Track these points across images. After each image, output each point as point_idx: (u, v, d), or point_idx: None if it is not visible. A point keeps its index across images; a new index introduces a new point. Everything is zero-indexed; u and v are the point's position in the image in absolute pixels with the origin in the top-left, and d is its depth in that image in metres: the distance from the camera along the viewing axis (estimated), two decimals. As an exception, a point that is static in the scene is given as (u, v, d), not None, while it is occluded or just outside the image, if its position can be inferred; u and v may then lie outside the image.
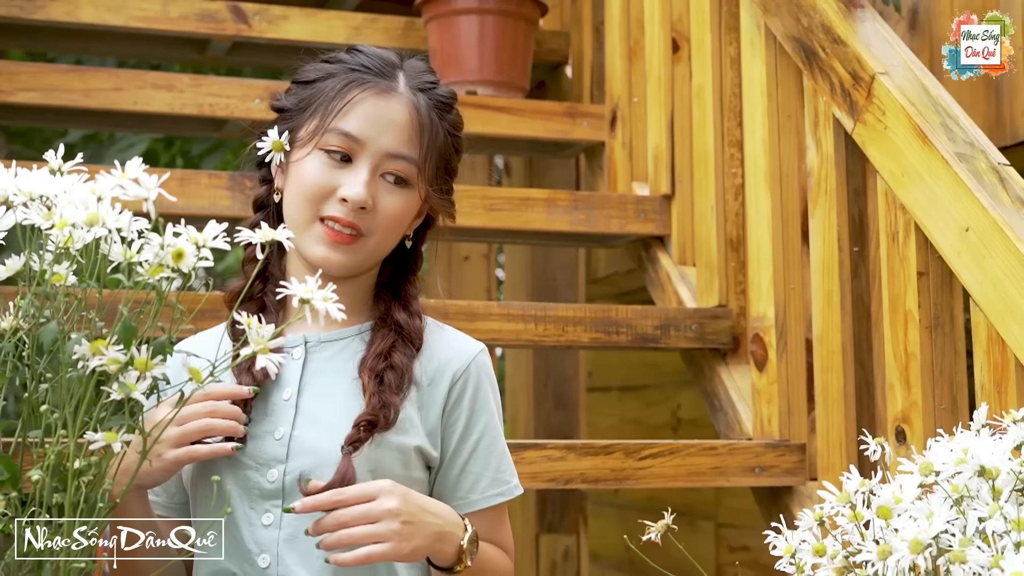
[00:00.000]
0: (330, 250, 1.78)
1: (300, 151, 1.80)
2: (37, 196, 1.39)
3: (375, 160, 1.80)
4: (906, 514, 1.45)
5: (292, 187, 1.81)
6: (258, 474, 1.75)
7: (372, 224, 1.80)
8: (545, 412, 4.12)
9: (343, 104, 1.80)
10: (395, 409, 1.75)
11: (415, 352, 1.83)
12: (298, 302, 1.36)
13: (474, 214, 3.02)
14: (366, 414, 1.73)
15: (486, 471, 1.84)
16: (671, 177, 3.14)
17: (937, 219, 2.17)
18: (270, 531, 1.74)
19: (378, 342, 1.81)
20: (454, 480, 1.83)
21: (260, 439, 1.76)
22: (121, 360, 1.32)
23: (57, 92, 3.07)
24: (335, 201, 1.78)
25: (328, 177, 1.78)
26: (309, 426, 1.76)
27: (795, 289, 2.65)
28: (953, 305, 2.24)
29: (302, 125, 1.82)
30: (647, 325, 2.83)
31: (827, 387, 2.49)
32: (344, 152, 1.79)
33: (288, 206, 1.81)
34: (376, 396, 1.75)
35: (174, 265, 1.32)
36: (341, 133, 1.78)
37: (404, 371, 1.79)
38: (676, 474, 2.51)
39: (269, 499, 1.74)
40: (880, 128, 2.32)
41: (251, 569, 1.74)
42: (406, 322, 1.84)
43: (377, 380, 1.77)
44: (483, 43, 3.52)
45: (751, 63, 2.76)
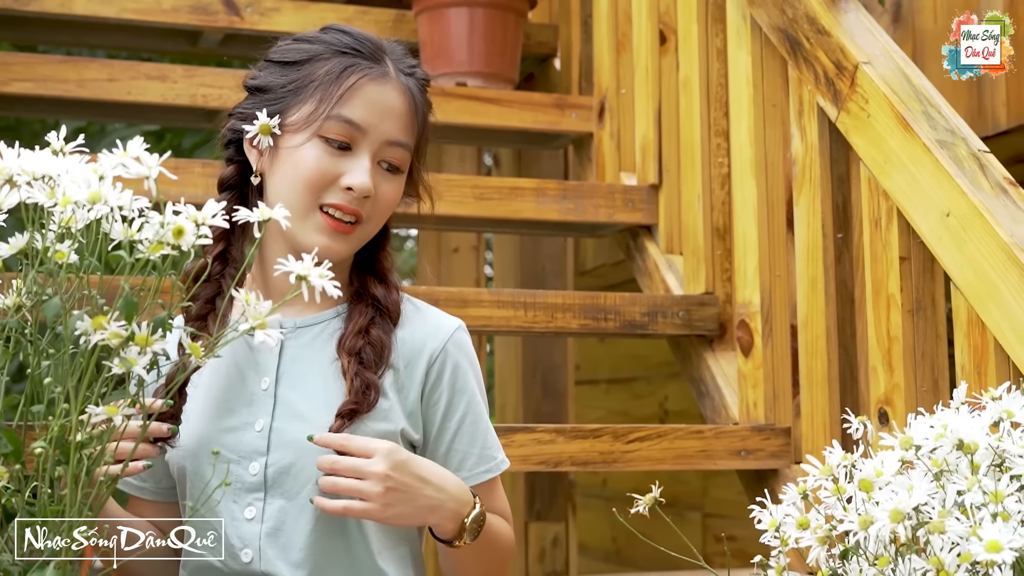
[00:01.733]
0: (331, 239, 1.77)
1: (295, 136, 1.77)
2: (40, 176, 1.42)
3: (375, 148, 1.79)
4: (887, 487, 1.48)
5: (286, 173, 1.78)
6: (240, 467, 1.74)
7: (371, 211, 1.80)
8: (534, 400, 4.16)
9: (342, 90, 1.77)
10: (376, 389, 1.74)
11: (393, 326, 1.82)
12: (294, 279, 1.39)
13: (464, 203, 3.06)
14: (348, 402, 1.72)
15: (472, 448, 1.83)
16: (658, 167, 3.17)
17: (919, 205, 2.21)
18: (252, 525, 1.73)
19: (356, 318, 1.80)
20: (440, 461, 1.80)
21: (240, 431, 1.75)
22: (122, 335, 1.35)
23: (51, 82, 3.09)
24: (337, 189, 1.76)
25: (329, 165, 1.76)
26: (289, 417, 1.75)
27: (780, 276, 2.69)
28: (935, 289, 2.28)
29: (291, 108, 1.78)
30: (635, 312, 2.87)
31: (811, 371, 2.53)
32: (345, 141, 1.77)
33: (279, 192, 1.77)
34: (357, 378, 1.73)
35: (174, 242, 1.35)
36: (344, 120, 1.76)
37: (383, 346, 1.78)
38: (664, 457, 2.54)
39: (251, 492, 1.74)
40: (863, 116, 2.36)
41: (234, 563, 1.73)
42: (383, 296, 1.83)
43: (357, 360, 1.75)
44: (473, 35, 3.55)
45: (737, 54, 2.80)
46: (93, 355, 1.40)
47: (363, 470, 1.64)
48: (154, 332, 1.41)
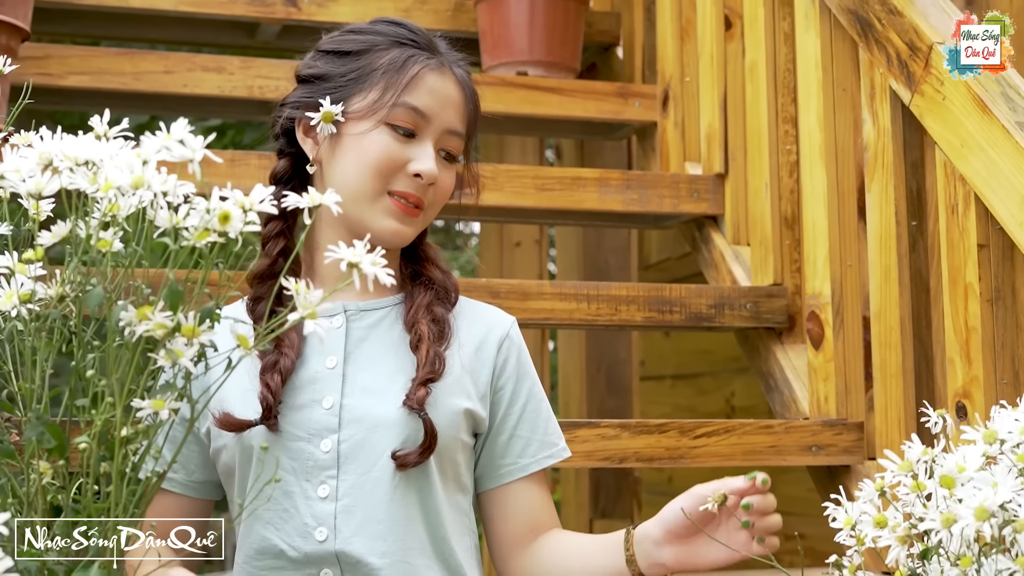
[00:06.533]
0: (401, 223, 1.80)
1: (359, 124, 1.80)
2: (83, 161, 1.37)
3: (436, 136, 1.82)
4: (970, 484, 1.41)
5: (351, 160, 1.80)
6: (310, 445, 1.74)
7: (433, 199, 1.84)
8: (598, 396, 4.09)
9: (408, 78, 1.80)
10: (442, 360, 1.78)
11: (451, 308, 1.86)
12: (346, 266, 1.33)
13: (525, 194, 3.00)
14: (426, 372, 1.75)
15: (535, 435, 1.86)
16: (724, 156, 3.10)
17: (998, 189, 2.12)
18: (326, 503, 1.73)
19: (418, 297, 1.84)
20: (503, 445, 1.85)
21: (307, 408, 1.76)
22: (168, 325, 1.30)
23: (107, 75, 3.06)
24: (405, 176, 1.80)
25: (397, 151, 1.79)
26: (359, 394, 1.77)
27: (852, 265, 2.61)
28: (1015, 277, 2.19)
29: (354, 96, 1.81)
30: (701, 304, 2.79)
31: (885, 363, 2.44)
32: (410, 128, 1.80)
33: (344, 180, 1.80)
34: (430, 350, 1.77)
35: (221, 228, 1.30)
36: (410, 108, 1.80)
37: (446, 323, 1.83)
38: (731, 453, 2.47)
39: (324, 469, 1.74)
40: (938, 99, 2.27)
41: (303, 543, 1.72)
42: (441, 279, 1.87)
43: (426, 334, 1.79)
44: (533, 24, 3.49)
45: (805, 37, 2.72)
46: (138, 347, 1.34)
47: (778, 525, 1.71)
48: (201, 323, 1.35)
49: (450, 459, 1.79)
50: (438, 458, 1.77)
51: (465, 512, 1.84)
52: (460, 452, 1.81)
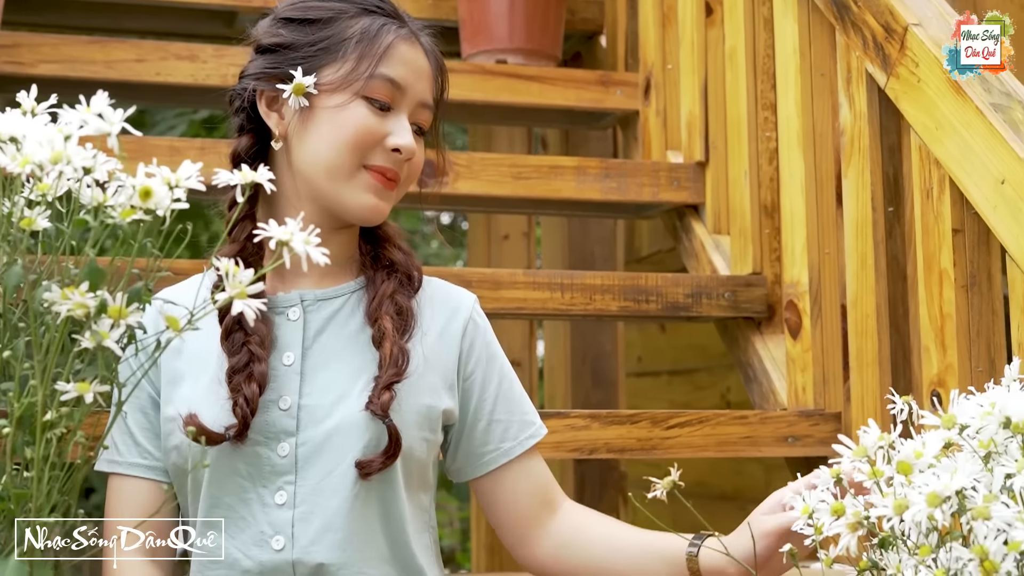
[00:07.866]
0: (380, 198, 1.71)
1: (332, 96, 1.69)
2: (7, 138, 1.33)
3: (410, 108, 1.74)
4: (929, 470, 1.36)
5: (325, 134, 1.69)
6: (267, 448, 1.64)
7: (407, 173, 1.75)
8: (583, 390, 4.04)
9: (382, 48, 1.70)
10: (407, 357, 1.67)
11: (414, 294, 1.76)
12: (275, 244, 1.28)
13: (502, 183, 2.95)
14: (390, 375, 1.65)
15: (513, 416, 1.78)
16: (705, 144, 3.05)
17: (972, 172, 2.07)
18: (283, 511, 1.63)
19: (379, 285, 1.73)
20: (482, 432, 1.76)
21: (263, 409, 1.64)
22: (88, 305, 1.25)
23: (79, 64, 3.01)
24: (382, 150, 1.70)
25: (375, 125, 1.69)
26: (318, 393, 1.66)
27: (830, 253, 2.56)
28: (990, 263, 2.14)
29: (326, 67, 1.70)
30: (678, 293, 2.74)
31: (862, 353, 2.39)
32: (387, 101, 1.70)
33: (317, 155, 1.69)
34: (394, 346, 1.67)
35: (143, 205, 1.25)
36: (387, 79, 1.70)
37: (410, 313, 1.73)
38: (705, 444, 2.42)
39: (282, 475, 1.64)
40: (913, 81, 2.22)
41: (259, 552, 1.63)
42: (402, 260, 1.77)
43: (389, 328, 1.68)
44: (513, 11, 3.44)
45: (783, 22, 2.67)
46: (64, 327, 1.30)
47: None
48: (129, 304, 1.31)
49: (417, 461, 1.70)
50: (403, 461, 1.67)
51: (426, 509, 1.75)
52: (427, 452, 1.71)
